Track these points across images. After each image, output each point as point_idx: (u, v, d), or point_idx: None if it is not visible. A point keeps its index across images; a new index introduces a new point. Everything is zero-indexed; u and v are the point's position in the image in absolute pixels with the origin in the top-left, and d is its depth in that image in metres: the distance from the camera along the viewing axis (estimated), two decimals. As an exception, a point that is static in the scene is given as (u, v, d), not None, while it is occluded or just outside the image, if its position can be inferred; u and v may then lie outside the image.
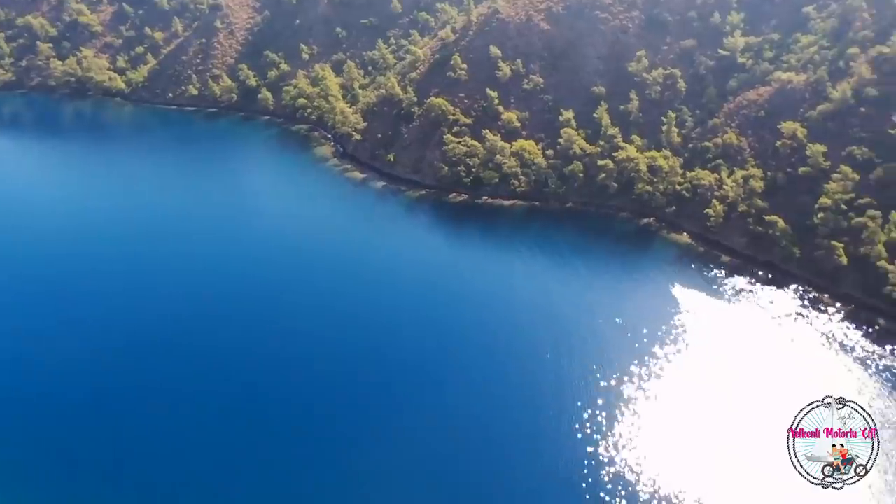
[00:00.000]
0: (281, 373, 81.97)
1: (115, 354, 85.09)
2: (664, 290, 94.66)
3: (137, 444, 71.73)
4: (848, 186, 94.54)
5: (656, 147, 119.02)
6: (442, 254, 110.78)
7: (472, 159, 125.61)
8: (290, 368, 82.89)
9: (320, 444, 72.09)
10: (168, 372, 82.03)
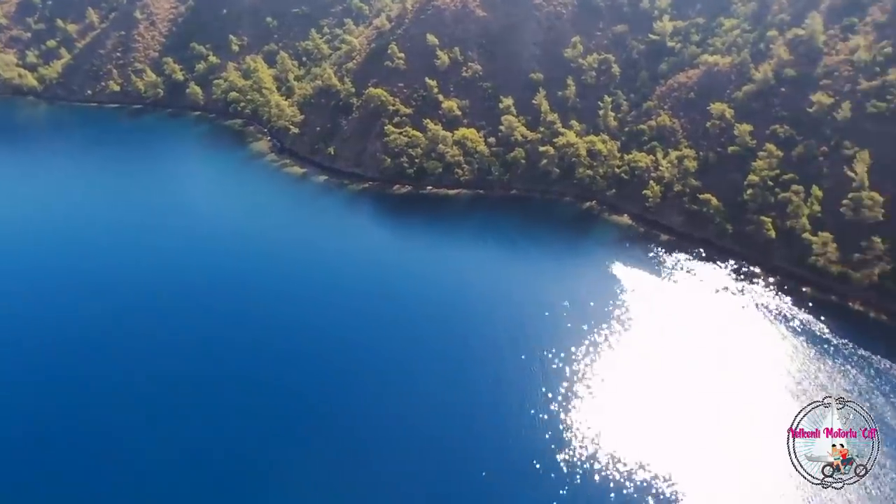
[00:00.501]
0: (225, 378, 78.91)
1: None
2: (608, 271, 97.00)
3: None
4: (773, 163, 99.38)
5: (594, 131, 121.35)
6: (388, 246, 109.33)
7: (414, 150, 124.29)
8: (234, 373, 79.86)
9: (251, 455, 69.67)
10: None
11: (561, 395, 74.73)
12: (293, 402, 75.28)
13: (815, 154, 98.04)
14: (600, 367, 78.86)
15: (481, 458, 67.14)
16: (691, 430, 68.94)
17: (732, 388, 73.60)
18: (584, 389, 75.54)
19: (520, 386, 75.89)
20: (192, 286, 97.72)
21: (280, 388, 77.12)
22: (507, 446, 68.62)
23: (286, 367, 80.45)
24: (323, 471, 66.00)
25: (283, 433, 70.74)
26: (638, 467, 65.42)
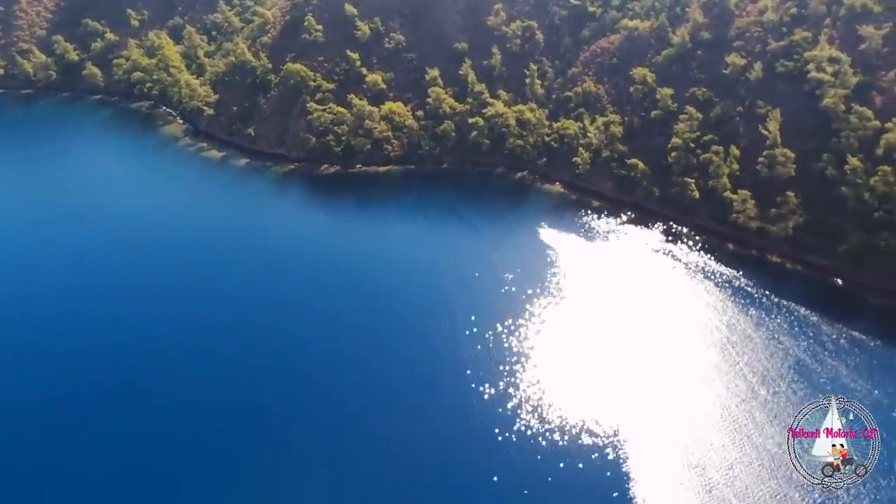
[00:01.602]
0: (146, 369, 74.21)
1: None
2: (544, 240, 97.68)
3: None
4: (693, 126, 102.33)
5: (522, 100, 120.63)
6: (320, 228, 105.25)
7: (339, 127, 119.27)
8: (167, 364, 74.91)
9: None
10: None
11: (505, 361, 75.09)
12: (232, 393, 71.43)
13: (731, 115, 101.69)
14: (542, 330, 79.80)
15: (432, 429, 67.07)
16: (630, 382, 71.40)
17: (664, 343, 76.52)
18: (527, 353, 76.31)
19: (463, 355, 75.67)
20: (111, 286, 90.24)
21: (219, 376, 73.14)
22: (453, 413, 68.68)
23: (222, 356, 76.68)
24: (271, 456, 63.30)
25: (222, 427, 67.14)
26: (584, 422, 67.12)
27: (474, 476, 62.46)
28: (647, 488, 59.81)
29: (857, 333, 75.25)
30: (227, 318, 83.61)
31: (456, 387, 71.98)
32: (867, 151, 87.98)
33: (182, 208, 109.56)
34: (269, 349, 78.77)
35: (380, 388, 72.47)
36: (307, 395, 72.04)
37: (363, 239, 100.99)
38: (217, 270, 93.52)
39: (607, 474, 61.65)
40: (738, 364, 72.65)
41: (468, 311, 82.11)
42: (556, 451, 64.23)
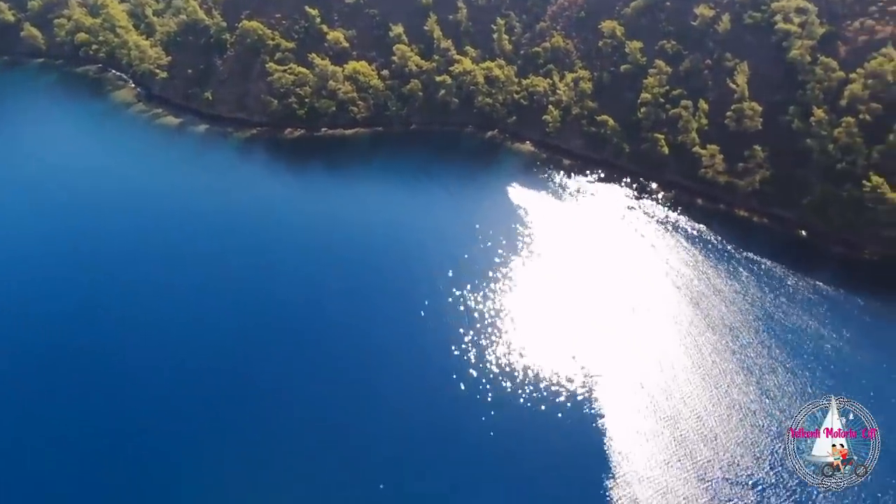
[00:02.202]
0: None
1: None
2: (515, 199, 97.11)
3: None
4: (663, 80, 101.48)
5: (490, 57, 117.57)
6: (287, 195, 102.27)
7: (302, 89, 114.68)
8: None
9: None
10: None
11: (483, 318, 75.47)
12: (211, 364, 70.24)
13: (700, 68, 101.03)
14: (517, 288, 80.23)
15: (417, 385, 67.34)
16: (603, 336, 72.70)
17: (636, 297, 77.69)
18: (504, 311, 76.71)
19: (442, 314, 75.72)
20: (71, 260, 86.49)
21: (195, 346, 71.83)
22: (436, 370, 68.96)
23: (199, 325, 75.45)
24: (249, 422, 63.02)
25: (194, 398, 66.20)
26: (560, 375, 68.11)
27: (457, 429, 63.15)
28: (622, 440, 61.45)
29: (821, 284, 77.51)
30: (199, 288, 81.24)
31: (437, 344, 72.07)
32: (832, 103, 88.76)
33: (140, 179, 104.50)
34: (246, 315, 77.20)
35: (363, 348, 72.04)
36: (290, 358, 71.27)
37: (334, 204, 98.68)
38: (183, 241, 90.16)
39: (584, 426, 62.99)
40: (709, 317, 74.34)
41: (444, 272, 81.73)
42: (533, 403, 65.21)
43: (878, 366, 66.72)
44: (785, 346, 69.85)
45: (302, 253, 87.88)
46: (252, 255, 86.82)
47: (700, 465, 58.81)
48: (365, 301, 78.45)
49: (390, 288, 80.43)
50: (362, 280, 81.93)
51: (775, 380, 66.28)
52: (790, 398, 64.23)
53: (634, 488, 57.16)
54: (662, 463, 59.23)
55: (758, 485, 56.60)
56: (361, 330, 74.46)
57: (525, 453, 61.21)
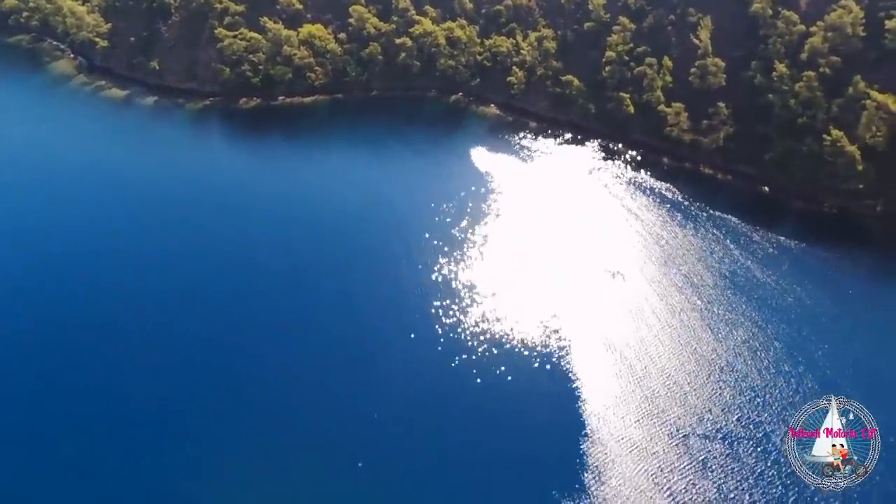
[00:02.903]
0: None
1: None
2: (481, 164, 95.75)
3: None
4: (627, 37, 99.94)
5: (451, 17, 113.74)
6: (246, 168, 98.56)
7: (255, 55, 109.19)
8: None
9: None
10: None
11: (456, 283, 75.10)
12: (190, 347, 68.01)
13: (664, 24, 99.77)
14: (487, 252, 79.95)
15: (387, 356, 66.71)
16: (574, 297, 73.13)
17: (606, 258, 78.03)
18: (475, 275, 76.44)
19: (410, 285, 74.85)
20: (10, 250, 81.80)
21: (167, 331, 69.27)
22: (413, 335, 68.63)
23: (171, 309, 72.56)
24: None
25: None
26: (532, 336, 68.66)
27: (432, 398, 63.08)
28: (597, 402, 62.26)
29: (783, 238, 79.04)
30: (165, 265, 78.16)
31: (410, 313, 71.49)
32: (793, 57, 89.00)
33: (88, 156, 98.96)
34: (210, 291, 75.04)
35: (335, 320, 71.09)
36: (263, 332, 69.82)
37: (296, 176, 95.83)
38: (138, 220, 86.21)
39: (560, 389, 63.56)
40: (677, 276, 75.22)
41: (414, 240, 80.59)
42: (509, 370, 65.44)
43: (838, 319, 68.74)
44: (750, 301, 71.31)
45: (267, 226, 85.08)
46: (213, 231, 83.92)
47: (671, 421, 60.14)
48: (331, 272, 76.95)
49: (358, 259, 78.91)
50: (327, 252, 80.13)
51: (741, 335, 67.83)
52: (755, 352, 65.92)
53: (610, 447, 58.25)
54: (635, 422, 60.35)
55: (726, 437, 58.29)
56: (331, 301, 73.24)
57: (503, 420, 61.56)
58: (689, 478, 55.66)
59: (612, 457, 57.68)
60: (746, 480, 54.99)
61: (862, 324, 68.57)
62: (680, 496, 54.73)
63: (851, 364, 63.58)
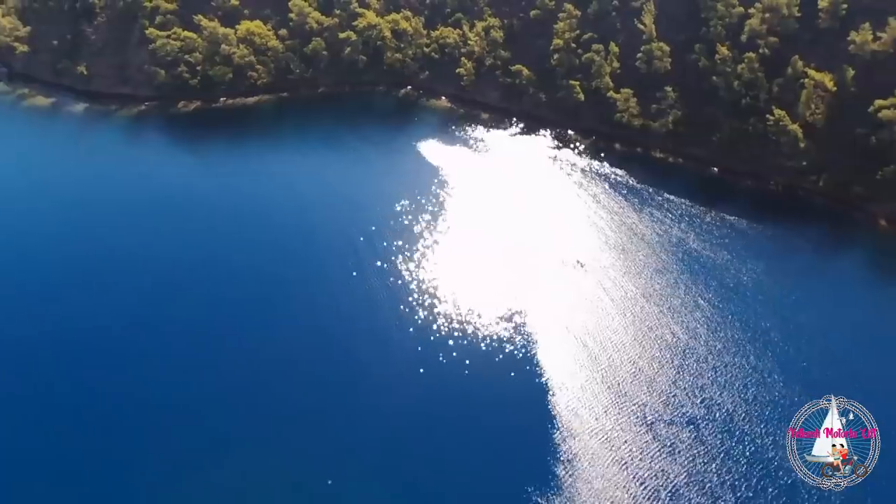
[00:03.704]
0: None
1: None
2: (435, 157, 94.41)
3: None
4: (573, 24, 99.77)
5: (395, 9, 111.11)
6: (191, 173, 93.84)
7: (191, 55, 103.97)
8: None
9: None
10: None
11: (411, 287, 73.48)
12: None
13: (608, 9, 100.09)
14: (443, 247, 78.93)
15: (346, 363, 64.89)
16: (533, 287, 72.74)
17: (565, 248, 77.89)
18: (434, 274, 75.13)
19: (367, 285, 73.11)
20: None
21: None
22: (373, 336, 67.11)
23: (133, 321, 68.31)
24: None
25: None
26: (493, 328, 68.05)
27: (398, 400, 61.49)
28: (565, 394, 62.19)
29: (735, 218, 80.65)
30: (111, 278, 73.84)
31: (374, 311, 70.07)
32: (734, 39, 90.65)
33: (13, 170, 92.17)
34: (170, 300, 71.57)
35: (301, 318, 69.21)
36: (224, 337, 67.41)
37: (243, 180, 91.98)
38: (73, 236, 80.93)
39: (528, 384, 63.21)
40: (636, 262, 75.82)
41: (368, 239, 78.77)
42: (476, 367, 64.63)
43: (789, 293, 70.72)
44: (708, 283, 72.51)
45: (214, 235, 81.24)
46: (161, 240, 79.43)
47: (638, 409, 60.53)
48: (288, 276, 74.26)
49: (315, 261, 76.46)
50: (283, 256, 77.25)
51: (700, 315, 68.95)
52: (714, 332, 67.10)
53: (582, 439, 58.20)
54: (603, 413, 60.46)
55: (692, 421, 59.07)
56: (289, 305, 70.84)
57: (471, 418, 60.55)
58: (659, 464, 56.19)
59: (585, 449, 57.60)
60: (714, 462, 55.89)
61: (809, 296, 70.67)
62: (650, 482, 55.24)
63: (805, 334, 65.59)
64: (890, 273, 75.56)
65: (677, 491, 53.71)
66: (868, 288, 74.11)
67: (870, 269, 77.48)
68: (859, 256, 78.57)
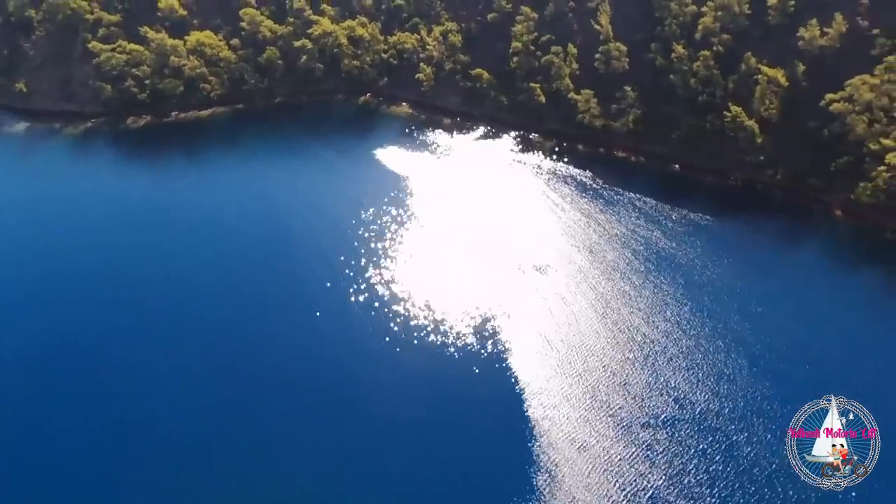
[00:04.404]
0: None
1: None
2: (398, 165, 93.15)
3: None
4: (531, 27, 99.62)
5: (350, 15, 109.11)
6: (146, 191, 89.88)
7: (139, 69, 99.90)
8: None
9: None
10: None
11: (379, 298, 71.94)
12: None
13: (565, 11, 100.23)
14: (412, 257, 77.63)
15: (318, 378, 63.30)
16: (504, 290, 72.27)
17: (533, 253, 77.44)
18: (401, 284, 73.76)
19: (336, 299, 71.46)
20: None
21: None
22: (347, 345, 65.97)
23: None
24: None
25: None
26: (472, 348, 66.31)
27: (376, 419, 60.10)
28: (541, 403, 61.57)
29: (698, 215, 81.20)
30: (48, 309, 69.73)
31: (344, 324, 68.55)
32: (688, 37, 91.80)
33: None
34: (127, 324, 68.39)
35: (273, 337, 67.02)
36: (189, 359, 64.75)
37: (201, 194, 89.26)
38: (27, 257, 76.71)
39: (503, 394, 62.37)
40: (604, 264, 75.67)
41: (337, 249, 77.03)
42: (449, 379, 63.63)
43: (753, 287, 71.64)
44: (675, 281, 72.91)
45: (176, 250, 78.36)
46: (117, 262, 75.99)
47: (615, 412, 60.23)
48: (256, 289, 72.33)
49: (283, 272, 74.48)
50: (251, 269, 75.16)
51: (669, 314, 69.24)
52: (685, 331, 67.43)
53: (560, 447, 57.54)
54: (580, 418, 59.96)
55: (668, 423, 59.00)
56: (260, 320, 68.82)
57: (449, 432, 59.38)
58: (638, 467, 55.98)
59: (564, 456, 56.98)
60: (692, 462, 55.94)
61: (773, 288, 71.31)
62: (630, 487, 54.97)
63: (771, 326, 66.33)
64: (847, 262, 77.35)
65: (658, 494, 53.60)
66: (828, 277, 75.39)
67: (828, 258, 78.84)
68: (817, 247, 79.97)
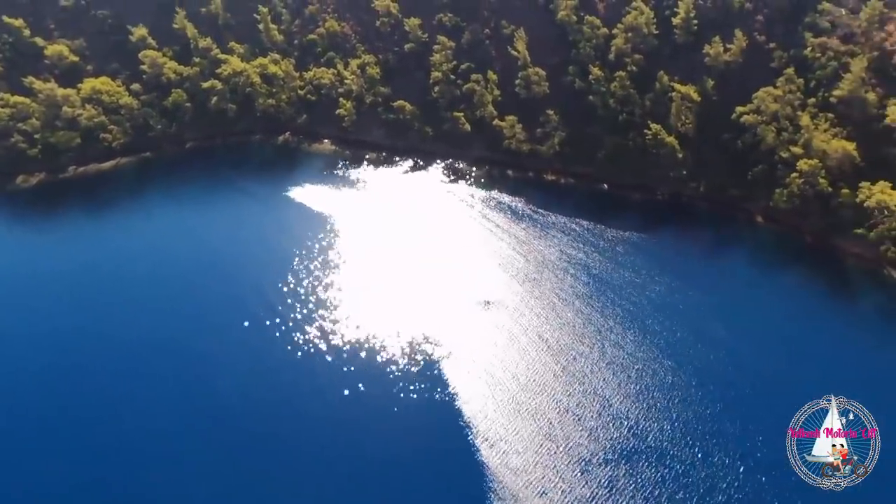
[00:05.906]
0: None
1: None
2: (322, 205, 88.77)
3: None
4: (449, 55, 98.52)
5: (261, 52, 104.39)
6: (41, 256, 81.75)
7: (26, 123, 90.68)
8: None
9: None
10: None
11: (317, 345, 68.45)
12: None
13: (481, 38, 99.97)
14: (346, 299, 74.36)
15: (259, 422, 60.60)
16: (440, 321, 70.67)
17: (470, 286, 75.31)
18: (336, 327, 70.63)
19: (268, 350, 67.83)
20: None
21: None
22: (276, 402, 62.59)
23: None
24: None
25: None
26: (417, 387, 63.91)
27: (329, 457, 58.15)
28: (491, 440, 58.88)
29: (631, 233, 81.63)
30: None
31: (282, 372, 65.78)
32: (603, 59, 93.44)
33: None
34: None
35: (201, 389, 63.62)
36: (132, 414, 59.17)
37: (104, 253, 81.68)
38: None
39: (452, 439, 59.66)
40: (543, 293, 74.20)
41: (267, 298, 73.04)
42: (397, 421, 61.25)
43: (690, 301, 72.29)
44: (616, 303, 72.41)
45: (87, 313, 72.13)
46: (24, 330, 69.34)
47: (571, 449, 58.18)
48: (183, 344, 67.97)
49: (207, 328, 69.87)
50: (170, 325, 70.10)
51: (614, 338, 68.38)
52: (631, 354, 66.65)
53: (517, 491, 54.73)
54: (535, 459, 57.52)
55: (623, 456, 57.40)
56: (183, 375, 64.84)
57: (400, 483, 56.06)
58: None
59: (519, 496, 54.38)
60: (655, 490, 54.51)
61: (710, 300, 72.55)
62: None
63: (713, 339, 66.88)
64: (772, 265, 79.70)
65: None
66: (758, 282, 77.35)
67: (754, 263, 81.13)
68: (744, 253, 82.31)
